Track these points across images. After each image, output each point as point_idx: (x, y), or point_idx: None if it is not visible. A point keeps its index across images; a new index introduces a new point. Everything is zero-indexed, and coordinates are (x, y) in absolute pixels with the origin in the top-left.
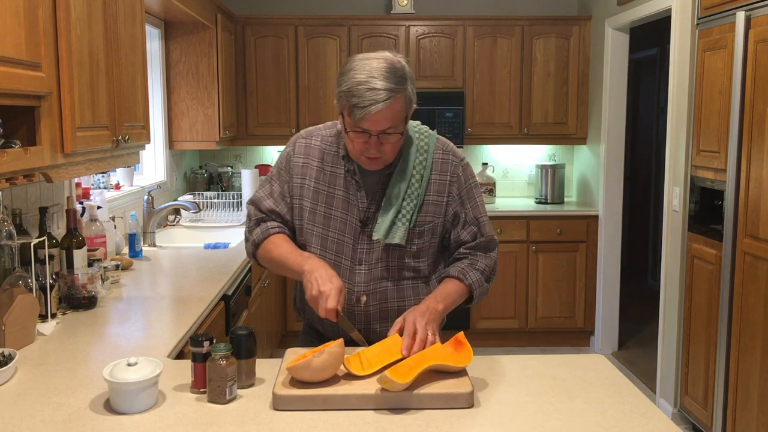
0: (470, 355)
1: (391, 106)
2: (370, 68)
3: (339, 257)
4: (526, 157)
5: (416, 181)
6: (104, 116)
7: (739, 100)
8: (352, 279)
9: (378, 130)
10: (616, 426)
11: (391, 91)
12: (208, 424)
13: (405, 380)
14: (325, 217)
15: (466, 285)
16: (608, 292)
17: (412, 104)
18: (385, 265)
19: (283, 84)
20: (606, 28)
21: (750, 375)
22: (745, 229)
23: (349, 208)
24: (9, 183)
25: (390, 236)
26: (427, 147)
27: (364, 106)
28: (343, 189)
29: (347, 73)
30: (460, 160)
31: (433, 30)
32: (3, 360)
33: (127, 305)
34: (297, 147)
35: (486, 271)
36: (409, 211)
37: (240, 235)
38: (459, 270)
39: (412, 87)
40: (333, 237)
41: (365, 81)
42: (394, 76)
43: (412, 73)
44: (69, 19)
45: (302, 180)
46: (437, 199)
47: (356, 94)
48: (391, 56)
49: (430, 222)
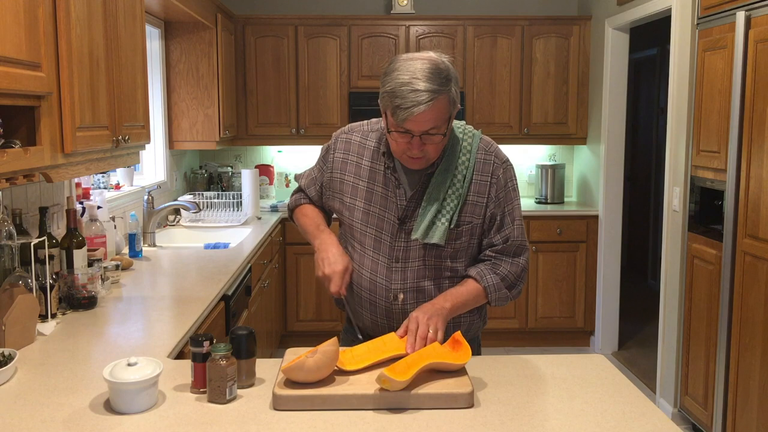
0: (468, 353)
1: (434, 107)
2: (414, 69)
3: (377, 254)
4: (526, 157)
5: (458, 181)
6: (104, 116)
7: (739, 100)
8: (389, 276)
9: (420, 131)
10: (616, 426)
11: (434, 92)
12: (208, 424)
13: (404, 378)
14: (365, 213)
15: (482, 287)
16: (608, 292)
17: (456, 105)
18: (423, 264)
19: (283, 84)
20: (606, 28)
21: (750, 375)
22: (745, 229)
23: (387, 205)
24: (9, 183)
25: (429, 236)
26: (470, 147)
27: (407, 107)
28: (382, 185)
29: (391, 74)
30: (502, 162)
31: (433, 30)
32: (3, 360)
33: (127, 305)
34: (338, 142)
35: (508, 278)
36: (449, 211)
37: (240, 234)
38: (477, 271)
39: (456, 88)
40: (371, 233)
41: (408, 82)
42: (437, 77)
43: (456, 74)
44: (69, 19)
45: (341, 175)
46: (477, 200)
47: (399, 95)
48: (435, 56)
49: (469, 223)
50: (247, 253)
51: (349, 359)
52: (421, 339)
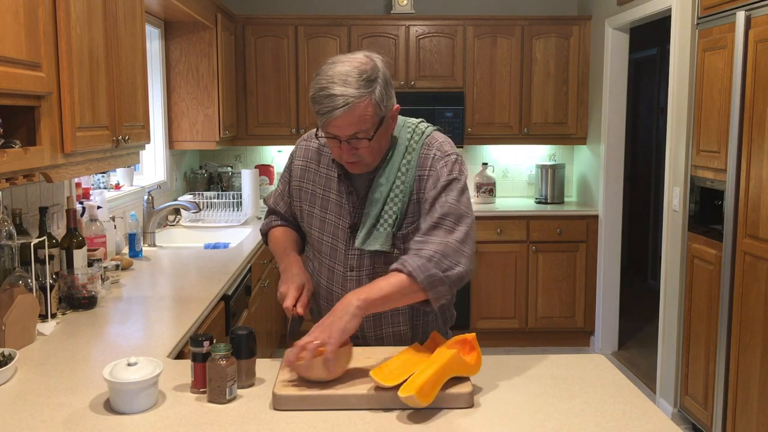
0: (479, 363)
1: (351, 112)
2: (333, 73)
3: (333, 262)
4: (526, 157)
5: (401, 183)
6: (104, 116)
7: (739, 100)
8: (345, 285)
9: (345, 135)
10: (615, 426)
11: (350, 96)
12: (208, 424)
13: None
14: (321, 221)
15: (405, 273)
16: (608, 292)
17: (388, 106)
18: (373, 272)
19: (283, 84)
20: (606, 28)
21: (750, 375)
22: (745, 229)
23: (341, 212)
24: (9, 183)
25: (370, 243)
26: (415, 145)
27: (324, 113)
28: (336, 192)
29: (315, 78)
30: (444, 155)
31: (433, 30)
32: (3, 360)
33: (127, 305)
34: (298, 149)
35: (435, 258)
36: (391, 216)
37: (240, 234)
38: (399, 260)
39: (384, 88)
40: (327, 241)
41: (324, 87)
42: (357, 80)
43: (387, 74)
44: (69, 19)
45: (300, 183)
46: (419, 197)
47: (317, 101)
48: (362, 58)
49: (412, 224)
50: (247, 253)
51: (386, 375)
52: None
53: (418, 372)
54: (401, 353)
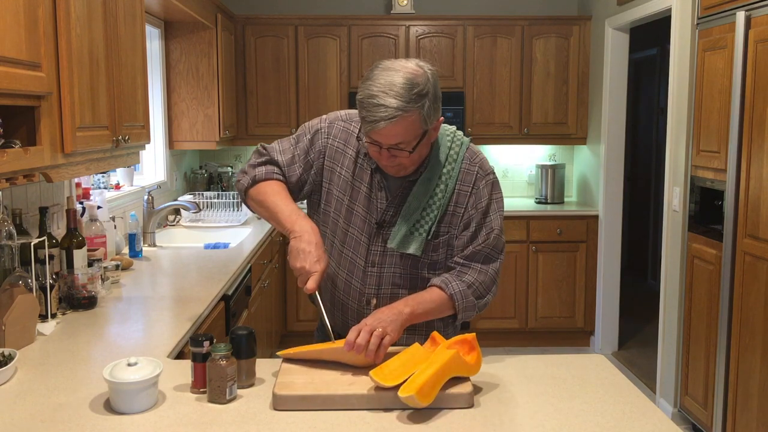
0: (480, 363)
1: (398, 124)
2: (386, 81)
3: (355, 256)
4: (526, 157)
5: (440, 191)
6: (104, 116)
7: (739, 100)
8: (364, 280)
9: (387, 144)
10: (616, 426)
11: (400, 109)
12: (208, 424)
13: (428, 401)
14: (348, 211)
15: (447, 295)
16: (608, 292)
17: (433, 120)
18: (399, 272)
19: (283, 84)
20: (606, 28)
21: (750, 375)
22: (745, 229)
23: (369, 206)
24: (9, 183)
25: (404, 246)
26: (456, 156)
27: (370, 121)
28: (367, 185)
29: (366, 82)
30: (485, 174)
31: (433, 30)
32: (3, 360)
33: (127, 305)
34: (335, 128)
35: (475, 285)
36: (427, 222)
37: (240, 235)
38: (442, 279)
39: (433, 103)
40: (352, 233)
41: (375, 95)
42: (409, 92)
43: (437, 87)
44: (69, 19)
45: (333, 164)
46: (456, 210)
47: (366, 107)
48: (414, 69)
49: (446, 233)
50: (247, 253)
51: (386, 375)
52: (370, 353)
53: (418, 372)
54: (401, 353)
